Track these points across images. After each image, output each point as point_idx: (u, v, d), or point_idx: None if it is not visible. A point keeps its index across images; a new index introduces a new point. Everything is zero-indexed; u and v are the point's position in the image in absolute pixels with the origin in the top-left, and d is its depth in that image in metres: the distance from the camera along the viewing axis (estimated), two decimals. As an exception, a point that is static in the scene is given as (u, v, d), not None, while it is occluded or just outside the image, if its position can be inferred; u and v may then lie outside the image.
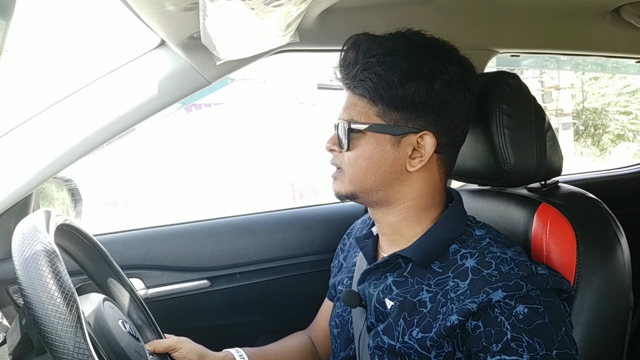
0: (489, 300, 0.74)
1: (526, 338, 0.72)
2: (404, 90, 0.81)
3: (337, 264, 1.11)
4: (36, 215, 0.74)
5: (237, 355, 1.04)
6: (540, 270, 0.78)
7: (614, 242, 0.88)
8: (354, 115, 0.84)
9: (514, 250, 0.80)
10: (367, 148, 0.84)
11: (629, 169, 1.96)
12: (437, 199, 0.88)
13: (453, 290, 0.78)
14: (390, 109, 0.82)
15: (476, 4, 1.13)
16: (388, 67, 0.80)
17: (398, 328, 0.82)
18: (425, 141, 0.83)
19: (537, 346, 0.71)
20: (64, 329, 0.60)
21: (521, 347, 0.71)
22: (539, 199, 0.94)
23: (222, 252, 1.31)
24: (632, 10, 1.17)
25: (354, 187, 0.86)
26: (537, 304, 0.74)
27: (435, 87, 0.81)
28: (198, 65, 1.05)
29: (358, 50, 0.83)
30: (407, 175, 0.85)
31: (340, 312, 0.99)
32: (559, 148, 0.97)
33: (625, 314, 0.87)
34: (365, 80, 0.82)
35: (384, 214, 0.89)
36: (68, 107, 1.02)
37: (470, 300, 0.75)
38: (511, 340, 0.72)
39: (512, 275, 0.75)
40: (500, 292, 0.74)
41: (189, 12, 0.81)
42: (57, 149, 1.00)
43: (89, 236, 0.92)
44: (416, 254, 0.84)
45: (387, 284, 0.86)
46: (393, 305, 0.84)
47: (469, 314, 0.75)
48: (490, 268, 0.77)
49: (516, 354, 0.71)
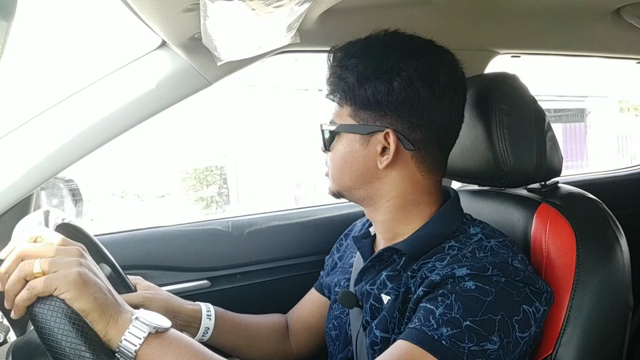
0: (452, 275, 0.75)
1: (452, 298, 0.73)
2: (364, 90, 0.84)
3: (331, 262, 1.12)
4: (36, 215, 0.74)
5: (204, 311, 1.04)
6: (516, 264, 0.78)
7: (614, 242, 0.88)
8: (333, 118, 0.90)
9: (499, 242, 0.81)
10: (339, 148, 0.88)
11: (629, 170, 1.96)
12: (427, 197, 0.88)
13: (429, 270, 0.80)
14: (358, 109, 0.86)
15: (476, 5, 1.13)
16: (346, 70, 0.85)
17: (394, 320, 0.82)
18: (391, 139, 0.84)
19: (455, 308, 0.72)
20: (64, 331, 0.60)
21: (442, 302, 0.73)
22: (538, 199, 0.94)
23: (222, 252, 1.31)
24: (632, 11, 1.17)
25: (336, 185, 0.91)
26: (490, 286, 0.74)
27: (395, 84, 0.82)
28: (199, 66, 1.05)
29: (333, 57, 0.89)
30: (382, 173, 0.87)
31: (338, 314, 0.99)
32: (558, 148, 0.97)
33: (625, 315, 0.87)
34: (332, 85, 0.88)
35: (374, 212, 0.91)
36: (69, 107, 1.03)
37: (436, 273, 0.77)
38: (440, 295, 0.74)
39: (483, 259, 0.77)
40: (465, 269, 0.75)
41: (189, 12, 0.81)
42: (57, 149, 1.00)
43: (89, 236, 0.92)
44: (409, 247, 0.85)
45: (382, 279, 0.87)
46: (389, 300, 0.84)
47: (432, 285, 0.76)
48: (466, 251, 0.79)
49: (435, 305, 0.74)
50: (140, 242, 1.25)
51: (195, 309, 1.04)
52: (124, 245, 1.23)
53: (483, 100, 0.93)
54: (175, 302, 1.01)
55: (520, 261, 0.79)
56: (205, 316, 1.03)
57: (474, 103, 0.96)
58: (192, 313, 1.03)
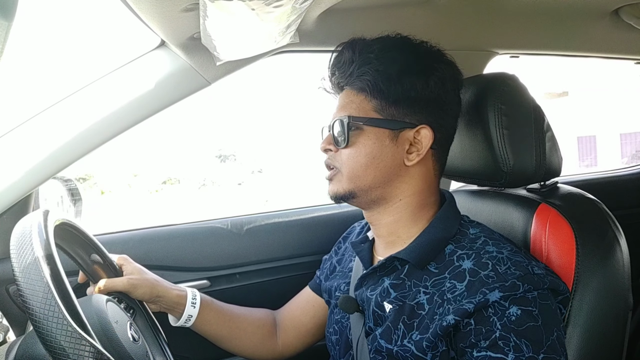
0: (485, 301, 0.74)
1: (514, 338, 0.72)
2: (401, 85, 0.83)
3: (329, 265, 1.10)
4: (35, 215, 0.74)
5: (190, 298, 1.03)
6: (537, 270, 0.78)
7: (613, 242, 0.88)
8: (352, 112, 0.86)
9: (510, 249, 0.81)
10: (367, 144, 0.84)
11: (628, 170, 1.96)
12: (432, 197, 0.89)
13: (450, 291, 0.78)
14: (387, 104, 0.84)
15: (475, 5, 1.13)
16: (387, 62, 0.83)
17: (397, 332, 0.81)
18: (422, 135, 0.84)
19: (525, 347, 0.71)
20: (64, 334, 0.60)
21: (508, 346, 0.72)
22: (538, 199, 0.94)
23: (222, 252, 1.31)
24: (631, 11, 1.17)
25: (352, 185, 0.86)
26: (532, 306, 0.74)
27: (430, 83, 0.84)
28: (198, 66, 1.05)
29: (354, 49, 0.86)
30: (404, 171, 0.86)
31: (339, 319, 0.98)
32: (558, 149, 0.97)
33: (625, 315, 0.87)
34: (364, 75, 0.84)
35: (381, 214, 0.89)
36: (68, 107, 1.02)
37: (468, 300, 0.75)
38: (499, 338, 0.72)
39: (509, 276, 0.76)
40: (497, 292, 0.74)
41: (189, 12, 0.81)
42: (57, 148, 1.00)
43: (89, 236, 0.92)
44: (412, 255, 0.84)
45: (385, 287, 0.86)
46: (391, 309, 0.83)
47: (466, 314, 0.75)
48: (487, 269, 0.77)
49: (502, 352, 0.72)
50: (140, 242, 1.25)
51: (181, 295, 1.03)
52: (124, 245, 1.23)
53: (482, 101, 0.93)
54: (161, 287, 1.01)
55: (537, 265, 0.80)
56: (190, 304, 1.03)
57: (473, 103, 0.96)
58: (176, 299, 1.02)
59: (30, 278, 0.63)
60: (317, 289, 1.11)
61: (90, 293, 0.94)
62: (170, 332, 1.02)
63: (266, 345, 1.11)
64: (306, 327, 1.11)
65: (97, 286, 0.93)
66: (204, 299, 1.06)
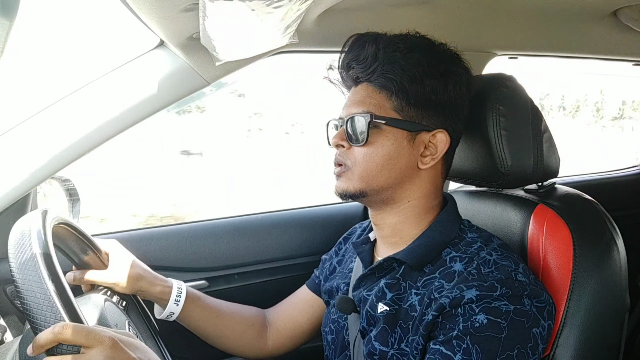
0: (461, 297, 0.75)
1: (468, 341, 0.72)
2: (423, 86, 0.82)
3: (329, 265, 1.10)
4: (33, 215, 0.74)
5: (174, 295, 1.01)
6: (520, 277, 0.77)
7: (611, 243, 0.88)
8: (371, 109, 0.83)
9: (499, 254, 0.80)
10: (385, 144, 0.83)
11: (625, 171, 1.97)
12: (437, 200, 0.89)
13: (437, 291, 0.79)
14: (408, 105, 0.83)
15: (474, 5, 1.13)
16: (413, 62, 0.82)
17: (394, 335, 0.82)
18: (438, 139, 0.84)
19: (474, 353, 0.72)
20: None
21: (459, 347, 0.72)
22: (535, 200, 0.94)
23: (220, 252, 1.31)
24: (629, 13, 1.17)
25: (364, 184, 0.84)
26: (502, 318, 0.73)
27: (449, 87, 0.84)
28: (197, 66, 1.05)
29: (378, 44, 0.83)
30: (416, 173, 0.85)
31: (335, 319, 0.98)
32: (556, 149, 0.98)
33: (622, 316, 0.87)
34: (388, 73, 0.82)
35: (387, 214, 0.88)
36: (67, 106, 1.02)
37: (445, 295, 0.76)
38: (455, 337, 0.73)
39: (490, 277, 0.76)
40: (474, 290, 0.74)
41: (188, 12, 0.81)
42: (55, 148, 1.00)
43: (87, 236, 0.92)
44: (410, 256, 0.84)
45: (380, 287, 0.86)
46: (386, 310, 0.83)
47: (441, 308, 0.75)
48: (471, 268, 0.78)
49: (452, 351, 0.73)
50: (138, 242, 1.25)
51: (164, 291, 1.01)
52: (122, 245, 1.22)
53: (480, 101, 0.93)
54: (144, 282, 0.99)
55: (523, 272, 0.79)
56: (173, 301, 1.01)
57: (471, 104, 0.96)
58: (159, 295, 1.01)
59: (28, 278, 0.63)
60: (316, 289, 1.11)
61: (70, 280, 0.94)
62: (170, 333, 1.03)
63: (255, 345, 1.10)
64: (301, 328, 1.10)
65: (80, 277, 0.94)
66: (191, 294, 1.04)
